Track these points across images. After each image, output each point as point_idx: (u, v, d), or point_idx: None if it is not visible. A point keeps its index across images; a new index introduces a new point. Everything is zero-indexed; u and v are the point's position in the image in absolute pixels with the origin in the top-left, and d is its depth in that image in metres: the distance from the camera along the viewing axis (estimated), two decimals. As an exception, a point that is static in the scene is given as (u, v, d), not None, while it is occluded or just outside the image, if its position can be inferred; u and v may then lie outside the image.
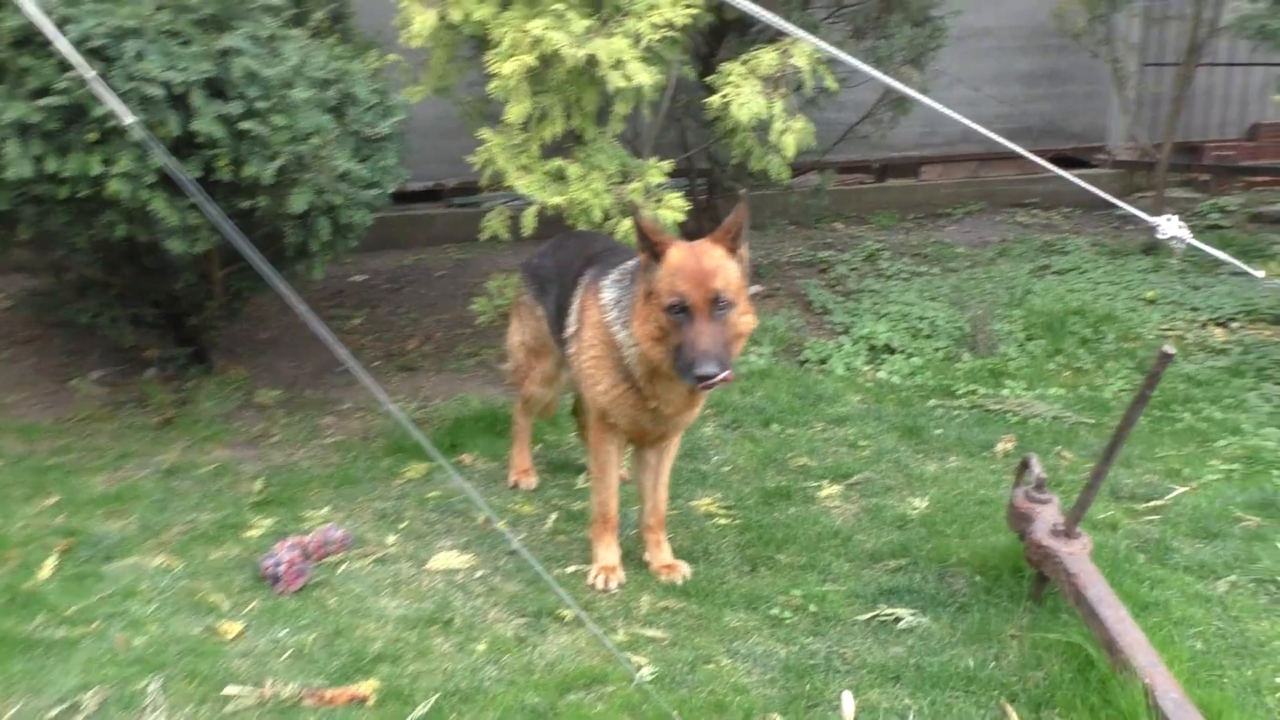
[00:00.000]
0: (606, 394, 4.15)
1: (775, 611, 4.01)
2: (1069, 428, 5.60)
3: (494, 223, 5.98)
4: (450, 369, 6.81)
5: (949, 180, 11.33)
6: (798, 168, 8.78)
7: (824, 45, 4.14)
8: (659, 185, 5.76)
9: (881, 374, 6.39)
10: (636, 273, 4.04)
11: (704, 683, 3.57)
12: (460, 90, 6.56)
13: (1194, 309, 7.40)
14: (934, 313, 7.23)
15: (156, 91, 4.78)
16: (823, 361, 6.57)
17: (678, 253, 3.79)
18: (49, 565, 4.37)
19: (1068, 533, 3.82)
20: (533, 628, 3.95)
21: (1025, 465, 4.18)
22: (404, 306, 8.19)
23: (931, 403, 6.01)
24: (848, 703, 3.47)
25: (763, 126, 5.82)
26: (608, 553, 4.31)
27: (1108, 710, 3.26)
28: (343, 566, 4.40)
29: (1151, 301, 7.55)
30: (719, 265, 3.80)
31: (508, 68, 5.47)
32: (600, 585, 4.22)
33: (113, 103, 3.68)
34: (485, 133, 5.70)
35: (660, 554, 4.37)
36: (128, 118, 3.71)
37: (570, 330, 4.34)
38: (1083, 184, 3.81)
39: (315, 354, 7.14)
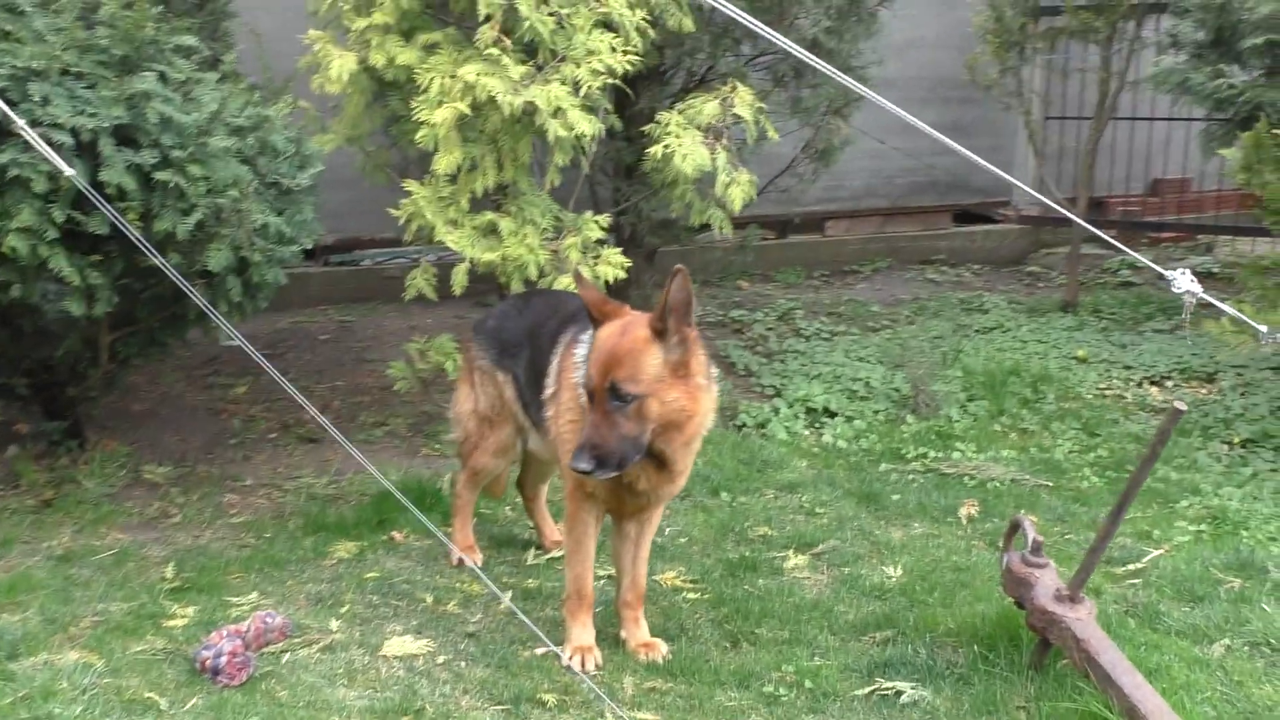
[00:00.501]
0: (582, 461, 4.20)
1: (769, 689, 4.09)
2: (1029, 491, 5.86)
3: (418, 280, 6.00)
4: (358, 440, 6.74)
5: (855, 236, 11.71)
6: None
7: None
8: (598, 241, 5.86)
9: (826, 438, 6.58)
10: None
11: (709, 768, 3.62)
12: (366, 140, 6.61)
13: (1127, 367, 7.80)
14: (866, 373, 7.47)
15: (64, 138, 4.70)
16: (761, 426, 6.72)
17: (605, 330, 3.92)
18: (-53, 665, 4.20)
19: (1072, 598, 4.00)
20: (513, 715, 3.96)
21: (1015, 528, 4.37)
22: (290, 373, 8.06)
23: (883, 467, 6.20)
24: (865, 782, 3.57)
25: (704, 179, 5.98)
26: (583, 632, 4.34)
27: (1139, 779, 3.41)
28: (286, 656, 4.33)
29: (1083, 360, 7.93)
30: (630, 351, 3.85)
31: (438, 115, 5.53)
32: (577, 667, 4.25)
33: (49, 153, 3.63)
34: (411, 184, 5.74)
35: (638, 631, 4.42)
36: (67, 169, 3.65)
37: (549, 392, 4.39)
38: (1120, 246, 3.95)
39: (200, 426, 7.03)
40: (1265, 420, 6.58)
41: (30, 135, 3.62)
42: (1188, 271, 3.79)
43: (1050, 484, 5.95)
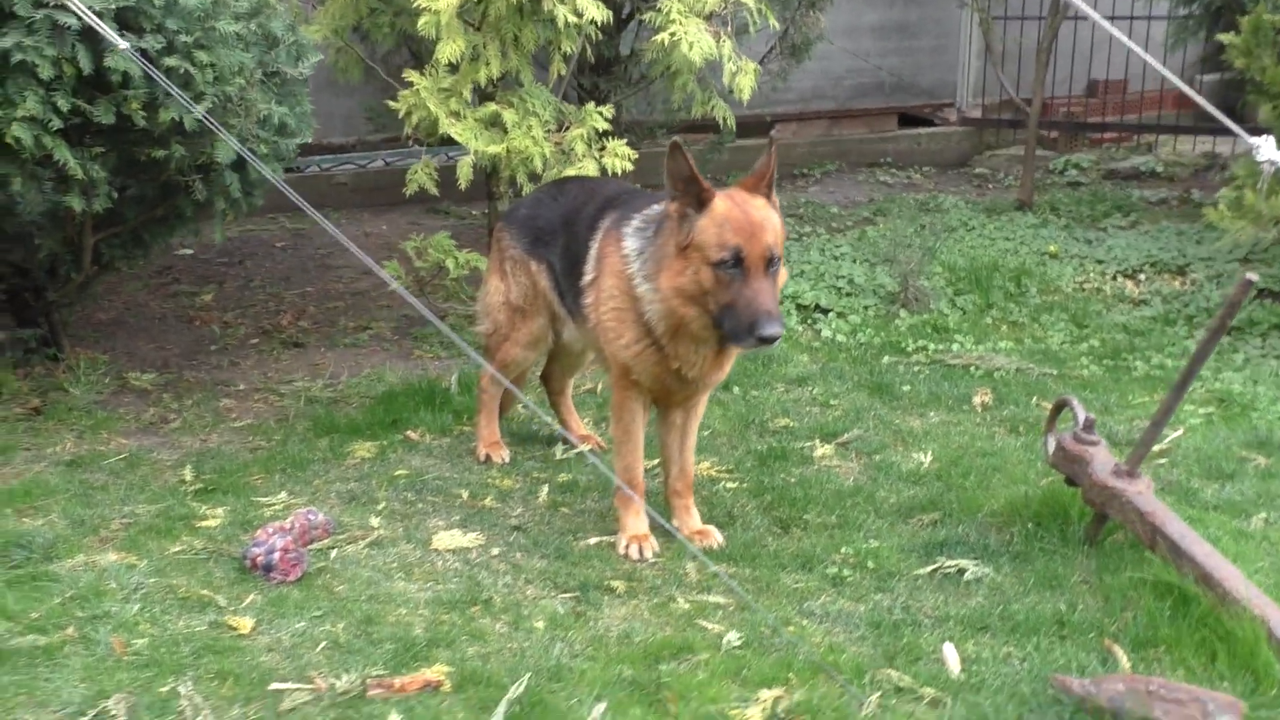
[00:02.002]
0: (629, 348, 4.17)
1: (833, 570, 4.13)
2: (1036, 379, 5.96)
3: (419, 176, 5.86)
4: (344, 344, 6.65)
5: (803, 139, 11.73)
6: (686, 124, 8.96)
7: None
8: (602, 133, 5.78)
9: (825, 333, 6.62)
10: (662, 221, 4.08)
11: (794, 645, 3.65)
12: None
13: (1099, 262, 7.96)
14: (848, 271, 7.51)
15: (70, 20, 4.48)
16: (756, 322, 6.73)
17: (723, 203, 3.85)
18: (-20, 570, 4.08)
19: (1130, 473, 4.09)
20: (584, 602, 3.95)
21: (1060, 407, 4.45)
22: (255, 281, 7.93)
23: (886, 360, 6.27)
24: (951, 654, 3.63)
25: (709, 69, 5.92)
26: (637, 520, 4.33)
27: (1224, 644, 3.52)
28: (334, 552, 4.27)
29: (1055, 256, 8.06)
30: (768, 217, 3.88)
31: (441, 2, 5.38)
32: (635, 555, 4.25)
33: (101, 27, 3.45)
34: (412, 75, 5.60)
35: (690, 519, 4.43)
36: (121, 43, 3.49)
37: (588, 279, 4.33)
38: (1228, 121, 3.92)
39: (175, 334, 6.87)
40: (1246, 309, 6.75)
41: (78, 7, 3.42)
42: (1271, 139, 3.83)
43: (1054, 373, 6.07)
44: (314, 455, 5.11)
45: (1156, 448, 5.06)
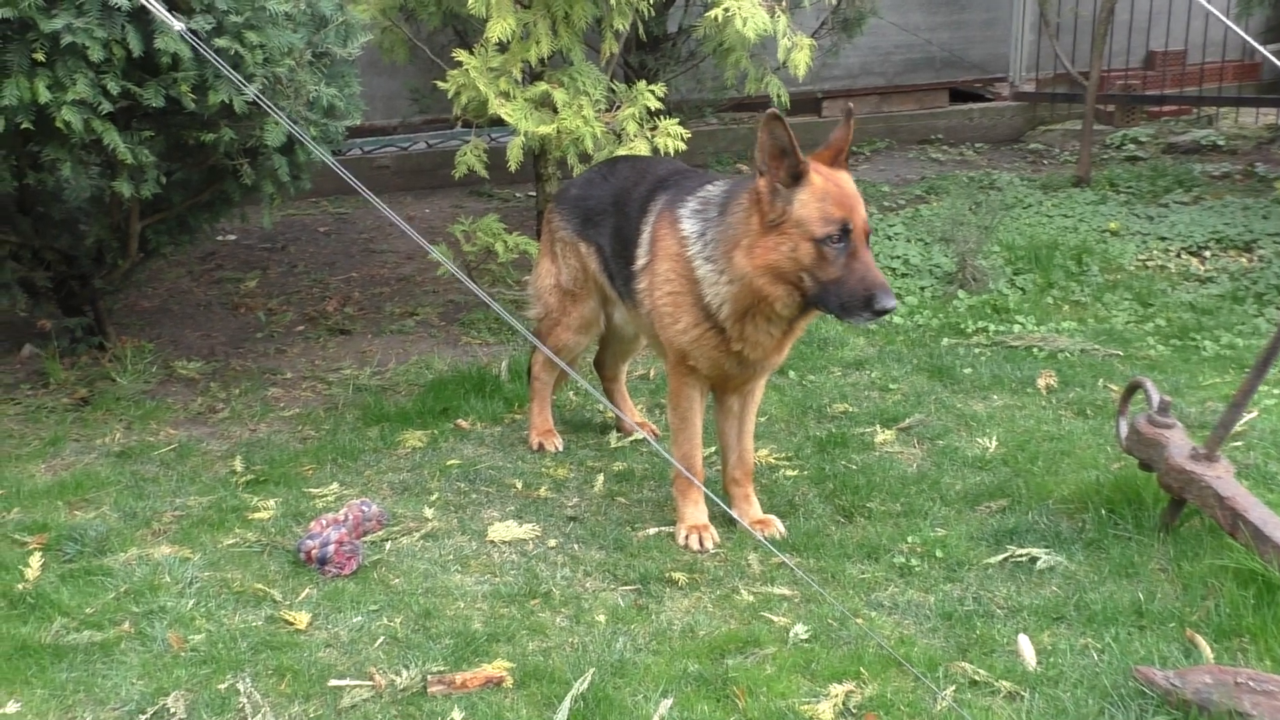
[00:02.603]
0: (686, 333, 4.12)
1: (900, 560, 4.07)
2: (1101, 360, 5.86)
3: (468, 157, 5.82)
4: (391, 331, 6.63)
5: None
6: (734, 102, 8.89)
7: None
8: (654, 112, 5.72)
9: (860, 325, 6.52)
10: (726, 200, 4.02)
11: (863, 637, 3.60)
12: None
13: (1162, 238, 7.82)
14: (903, 251, 7.42)
15: (121, 1, 4.45)
16: (810, 305, 6.66)
17: (819, 177, 3.79)
18: (34, 564, 4.08)
19: (1209, 456, 4.00)
20: (646, 594, 3.91)
21: (1133, 389, 4.36)
22: (299, 267, 7.93)
23: (945, 342, 6.18)
24: (1026, 646, 3.56)
25: (761, 45, 5.84)
26: (696, 510, 4.28)
27: (1310, 632, 3.44)
28: (388, 544, 4.25)
29: (1115, 233, 7.93)
30: (857, 190, 3.85)
31: (490, -21, 5.33)
32: (695, 546, 4.20)
33: (153, 5, 3.42)
34: (461, 54, 5.55)
35: (750, 508, 4.37)
36: (175, 24, 3.45)
37: (641, 263, 4.27)
38: None
39: (220, 322, 6.88)
40: (1318, 285, 6.63)
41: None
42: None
43: (1120, 353, 5.96)
44: (364, 445, 5.09)
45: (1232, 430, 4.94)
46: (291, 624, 3.73)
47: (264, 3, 4.74)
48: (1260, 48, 3.81)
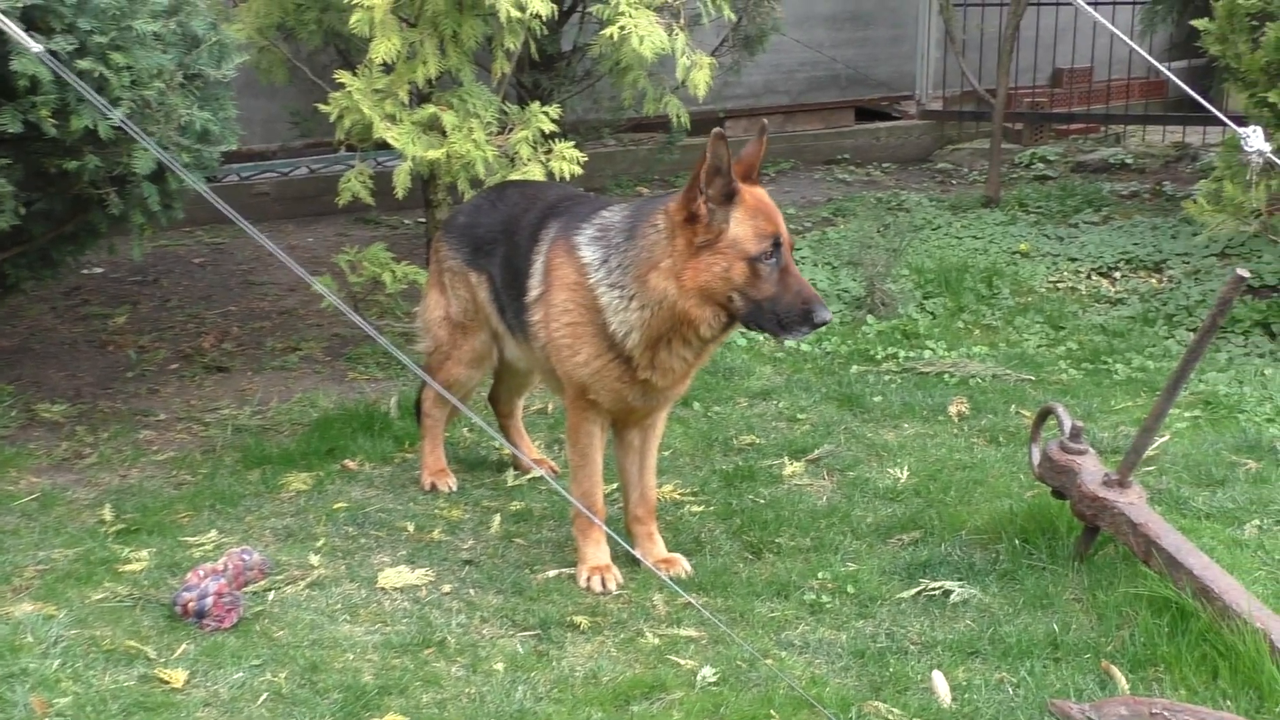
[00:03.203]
0: (587, 365, 4.15)
1: (810, 597, 4.12)
2: (1014, 386, 6.00)
3: (353, 184, 5.81)
4: (272, 367, 6.56)
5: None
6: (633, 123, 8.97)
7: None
8: (551, 134, 5.76)
9: (789, 343, 6.61)
10: (632, 225, 4.07)
11: (773, 678, 3.63)
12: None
13: (1072, 259, 8.03)
14: (809, 275, 7.52)
15: (-30, 22, 4.39)
16: (715, 333, 6.73)
17: (750, 195, 3.87)
18: (-118, 627, 3.97)
19: (1121, 482, 4.11)
20: (546, 640, 3.91)
21: (1045, 415, 4.47)
22: (173, 301, 7.81)
23: (855, 369, 6.28)
24: (940, 682, 3.62)
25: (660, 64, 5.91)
26: (598, 550, 4.30)
27: (1225, 661, 3.54)
28: (272, 594, 4.21)
29: (1026, 254, 8.12)
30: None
31: (375, -3, 5.34)
32: (597, 587, 4.21)
33: (8, 26, 3.38)
34: (344, 75, 5.54)
35: (654, 547, 4.40)
36: (33, 45, 3.42)
37: (534, 294, 4.30)
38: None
39: (87, 360, 6.76)
40: (1228, 306, 6.82)
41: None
42: (1259, 129, 3.87)
43: (1032, 378, 6.10)
44: (245, 489, 5.03)
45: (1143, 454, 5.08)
46: (167, 683, 3.68)
47: (131, 22, 4.69)
48: (1161, 67, 3.96)
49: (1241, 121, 6.34)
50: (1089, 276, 7.77)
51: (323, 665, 3.76)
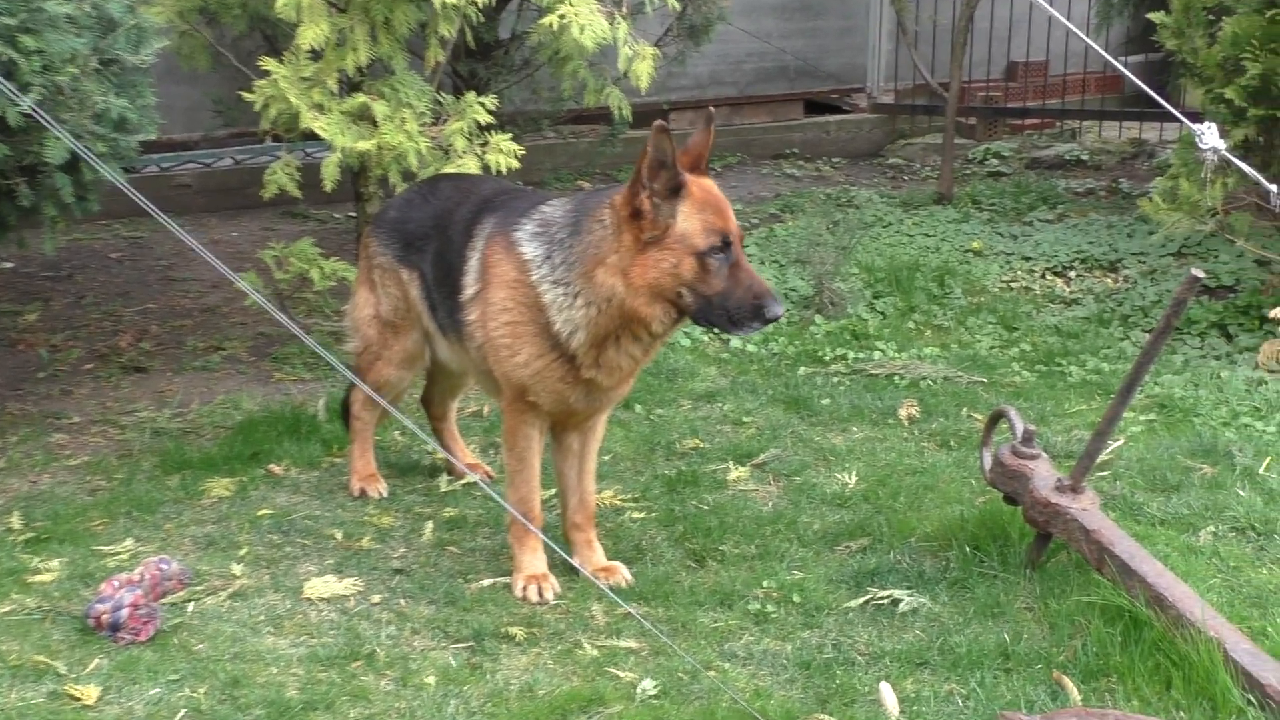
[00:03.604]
0: (528, 365, 4.14)
1: (755, 606, 4.13)
2: (965, 388, 6.04)
3: (279, 176, 5.76)
4: (194, 368, 6.50)
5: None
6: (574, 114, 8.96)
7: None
8: (487, 125, 5.74)
9: (733, 343, 6.64)
10: (576, 219, 4.07)
11: (716, 691, 3.64)
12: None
13: (1026, 258, 8.10)
14: (757, 273, 7.53)
15: None
16: (657, 333, 6.74)
17: (697, 187, 3.87)
18: None
19: (1074, 488, 4.15)
20: (480, 652, 3.90)
21: (997, 419, 4.51)
22: (88, 298, 7.72)
23: (802, 371, 6.31)
24: (888, 694, 3.64)
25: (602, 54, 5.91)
26: (534, 559, 4.29)
27: (1179, 671, 3.58)
28: (191, 605, 4.17)
29: (979, 253, 8.19)
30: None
31: (302, -20, 5.30)
32: (534, 597, 4.20)
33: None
34: (269, 62, 5.49)
35: (593, 555, 4.40)
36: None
37: (470, 292, 4.28)
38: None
39: (-12, 360, 6.66)
40: (1184, 307, 6.90)
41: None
42: (1213, 126, 3.92)
43: (984, 380, 6.16)
44: (164, 496, 4.99)
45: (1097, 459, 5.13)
46: (78, 699, 3.64)
47: (42, 4, 4.63)
48: (1115, 60, 4.00)
49: (1197, 118, 6.46)
50: (1043, 276, 7.84)
51: (245, 680, 3.73)
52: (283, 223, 9.23)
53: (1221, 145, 3.90)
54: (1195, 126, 3.93)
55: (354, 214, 7.01)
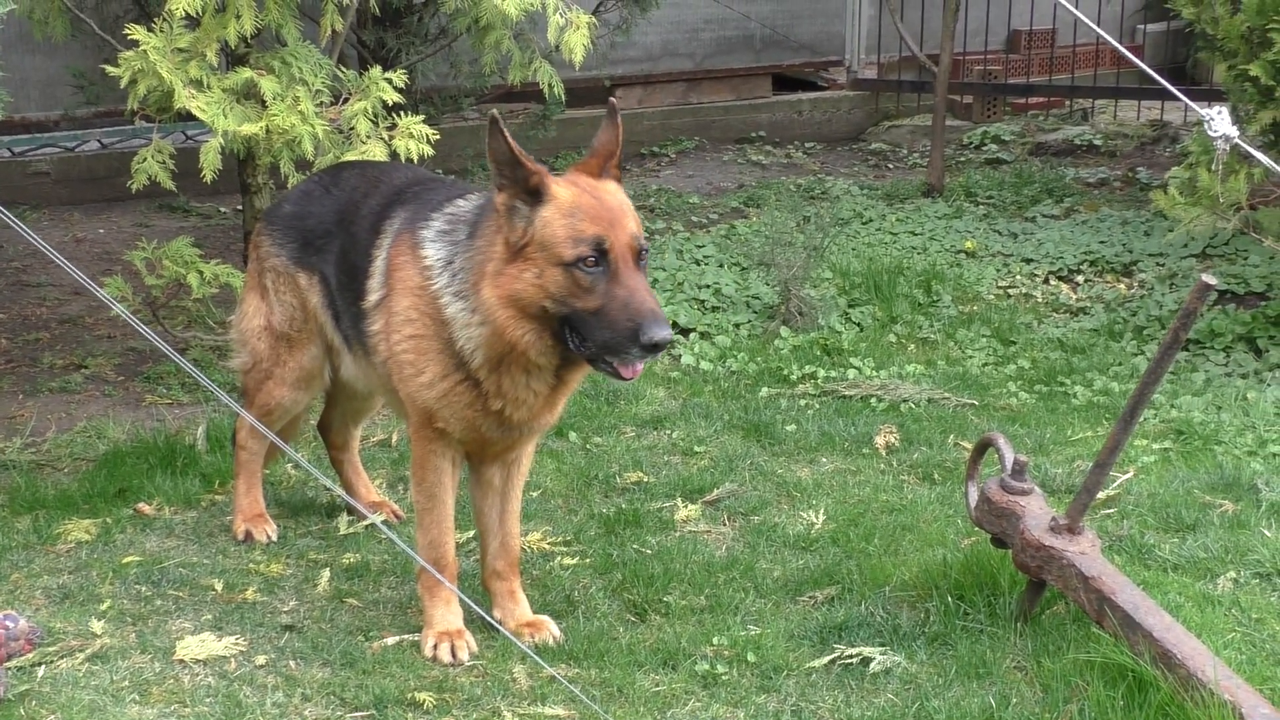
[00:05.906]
0: (433, 387, 4.18)
1: (704, 667, 4.19)
2: (953, 412, 6.13)
3: (149, 163, 5.78)
4: (51, 389, 6.52)
5: (651, 108, 11.86)
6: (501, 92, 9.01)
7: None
8: (392, 107, 5.79)
9: (685, 359, 6.71)
10: (477, 219, 4.11)
11: (656, 767, 3.70)
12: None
13: (1027, 260, 8.22)
14: (713, 278, 7.63)
15: None
16: (597, 348, 6.81)
17: (566, 189, 3.90)
18: None
19: (1071, 528, 4.23)
20: (381, 722, 3.95)
21: (984, 448, 4.59)
22: (-76, 303, 7.73)
23: (765, 392, 6.39)
24: (855, 769, 3.71)
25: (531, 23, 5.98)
26: (447, 612, 4.33)
27: (1189, 737, 3.68)
28: (42, 669, 4.19)
29: (972, 254, 8.31)
30: (625, 201, 3.99)
31: (175, -66, 5.34)
32: (446, 657, 4.24)
33: None
34: (137, 31, 5.51)
35: (516, 609, 4.44)
36: None
37: (374, 298, 4.32)
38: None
39: None
40: (1205, 317, 7.03)
41: None
42: (1225, 111, 4.00)
43: (975, 402, 6.25)
44: (11, 540, 5.00)
45: (1102, 495, 5.23)
46: (-91, 780, 3.65)
47: None
48: (1116, 43, 4.08)
49: (1223, 98, 6.57)
50: (1046, 281, 7.97)
51: (104, 757, 3.76)
52: (158, 218, 9.25)
53: (1234, 133, 3.99)
54: (1204, 111, 4.01)
55: (240, 209, 7.03)
